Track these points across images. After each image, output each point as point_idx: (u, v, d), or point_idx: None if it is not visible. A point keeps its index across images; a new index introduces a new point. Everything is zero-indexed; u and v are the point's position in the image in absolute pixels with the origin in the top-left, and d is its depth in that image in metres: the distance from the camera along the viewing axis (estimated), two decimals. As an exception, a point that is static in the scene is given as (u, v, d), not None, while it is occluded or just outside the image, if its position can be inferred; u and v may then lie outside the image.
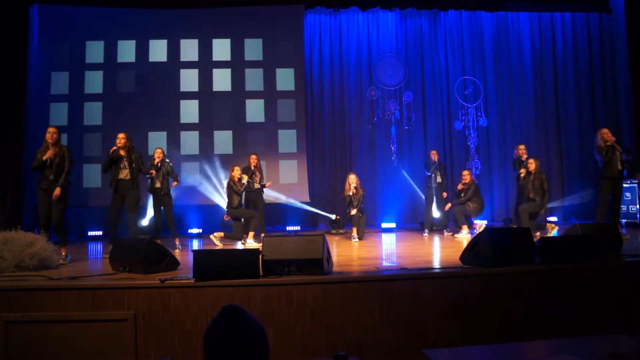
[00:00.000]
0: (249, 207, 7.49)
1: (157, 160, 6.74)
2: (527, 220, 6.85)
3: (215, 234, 7.01)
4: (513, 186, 9.31)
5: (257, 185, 7.66)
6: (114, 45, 9.26)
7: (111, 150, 6.07)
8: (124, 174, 6.03)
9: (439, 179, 8.13)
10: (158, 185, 6.73)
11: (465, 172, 7.99)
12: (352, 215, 7.65)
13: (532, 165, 7.06)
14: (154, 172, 6.67)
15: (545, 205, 7.15)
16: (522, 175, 7.12)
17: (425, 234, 7.93)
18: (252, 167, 7.70)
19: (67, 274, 4.42)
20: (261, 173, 7.90)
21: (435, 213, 8.30)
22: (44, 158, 5.47)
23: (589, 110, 10.10)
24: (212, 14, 9.43)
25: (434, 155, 8.26)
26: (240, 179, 7.20)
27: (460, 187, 7.87)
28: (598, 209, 6.77)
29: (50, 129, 5.61)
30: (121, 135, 6.15)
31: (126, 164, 6.04)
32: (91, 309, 3.82)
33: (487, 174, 10.08)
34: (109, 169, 6.11)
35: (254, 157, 7.80)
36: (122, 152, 6.08)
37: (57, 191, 5.44)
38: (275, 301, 3.87)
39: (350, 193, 7.75)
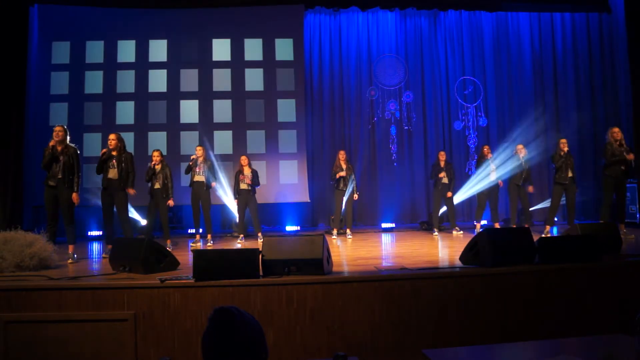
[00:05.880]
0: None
1: (154, 162, 6.85)
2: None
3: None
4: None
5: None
6: (114, 45, 9.27)
7: (102, 152, 6.14)
8: (112, 173, 6.05)
9: (445, 180, 8.08)
10: (158, 186, 6.80)
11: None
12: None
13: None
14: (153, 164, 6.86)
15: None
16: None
17: (436, 234, 7.88)
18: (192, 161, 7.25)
19: (67, 274, 4.42)
20: (211, 168, 7.38)
21: None
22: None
23: (589, 110, 10.10)
24: (212, 14, 9.43)
25: (442, 156, 8.18)
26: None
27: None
28: (602, 208, 7.00)
29: (57, 128, 5.66)
30: (112, 137, 6.18)
31: (115, 163, 6.05)
32: (91, 309, 3.82)
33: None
34: (102, 169, 6.14)
35: (198, 148, 7.42)
36: (113, 153, 6.11)
37: (74, 197, 5.56)
38: (275, 301, 3.86)
39: (343, 173, 7.95)
